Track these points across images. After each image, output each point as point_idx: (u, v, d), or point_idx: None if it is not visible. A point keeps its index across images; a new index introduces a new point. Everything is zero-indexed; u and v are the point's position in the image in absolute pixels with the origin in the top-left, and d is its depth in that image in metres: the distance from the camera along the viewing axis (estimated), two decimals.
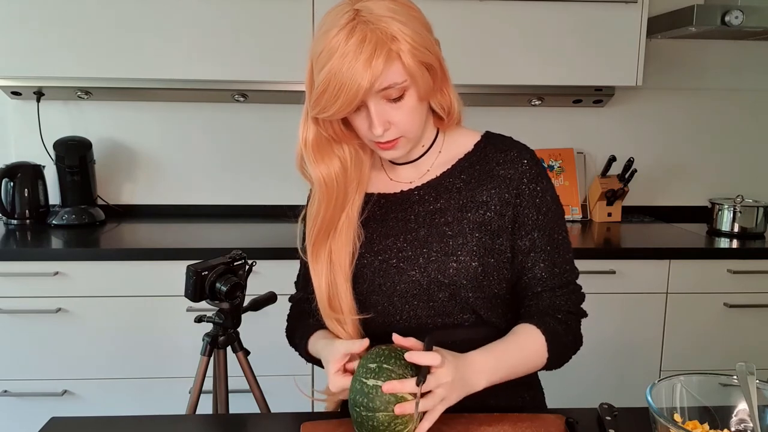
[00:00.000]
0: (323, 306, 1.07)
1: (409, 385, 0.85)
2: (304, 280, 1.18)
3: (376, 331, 1.07)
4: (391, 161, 1.11)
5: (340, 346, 0.98)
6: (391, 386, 0.85)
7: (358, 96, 0.92)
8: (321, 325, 1.11)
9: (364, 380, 0.87)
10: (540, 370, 1.06)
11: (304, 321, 1.17)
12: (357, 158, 1.07)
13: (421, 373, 0.85)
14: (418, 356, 0.87)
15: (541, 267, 1.05)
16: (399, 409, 0.85)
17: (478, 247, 1.03)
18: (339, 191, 1.05)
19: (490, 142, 1.10)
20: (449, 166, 1.09)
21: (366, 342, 0.94)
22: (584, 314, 1.10)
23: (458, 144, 1.11)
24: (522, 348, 1.01)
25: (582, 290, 1.11)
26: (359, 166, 1.08)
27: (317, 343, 1.09)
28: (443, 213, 1.06)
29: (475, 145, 1.10)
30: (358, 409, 0.87)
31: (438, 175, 1.09)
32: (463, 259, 1.02)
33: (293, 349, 1.21)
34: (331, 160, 1.04)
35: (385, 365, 0.88)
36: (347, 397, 0.90)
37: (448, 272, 1.02)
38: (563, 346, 1.05)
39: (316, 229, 1.06)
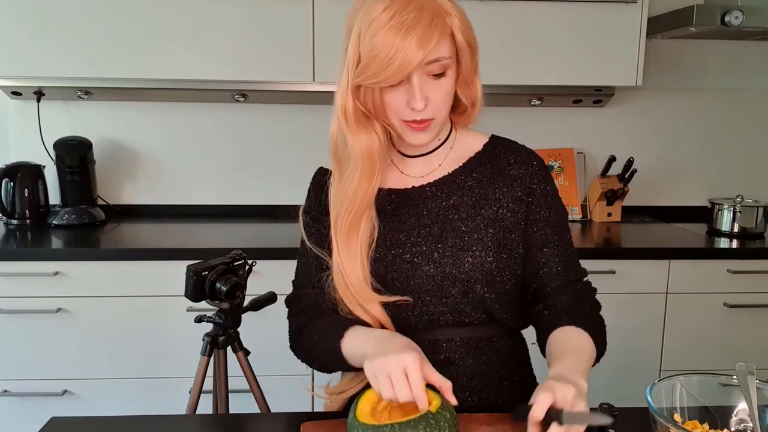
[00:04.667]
0: (359, 287, 1.02)
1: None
2: (308, 270, 1.12)
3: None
4: (403, 154, 1.11)
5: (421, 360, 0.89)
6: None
7: (412, 64, 0.92)
8: (344, 320, 1.05)
9: None
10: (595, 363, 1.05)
11: (320, 317, 1.08)
12: (385, 139, 1.05)
13: (558, 417, 0.79)
14: (539, 412, 0.81)
15: (556, 262, 1.07)
16: None
17: (493, 243, 1.04)
18: (379, 168, 1.03)
19: (498, 143, 1.13)
20: (460, 164, 1.10)
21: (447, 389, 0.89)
22: (600, 305, 1.12)
23: (467, 144, 1.13)
24: (580, 346, 1.00)
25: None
26: (387, 149, 1.07)
27: (372, 332, 1.01)
28: (457, 209, 1.07)
29: (484, 146, 1.12)
30: None
31: (450, 172, 1.10)
32: (479, 254, 1.03)
33: (296, 356, 1.14)
34: (370, 132, 1.02)
35: None
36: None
37: (464, 267, 1.03)
38: (602, 333, 1.06)
39: (356, 205, 1.02)
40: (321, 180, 1.14)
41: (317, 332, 1.07)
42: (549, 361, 0.97)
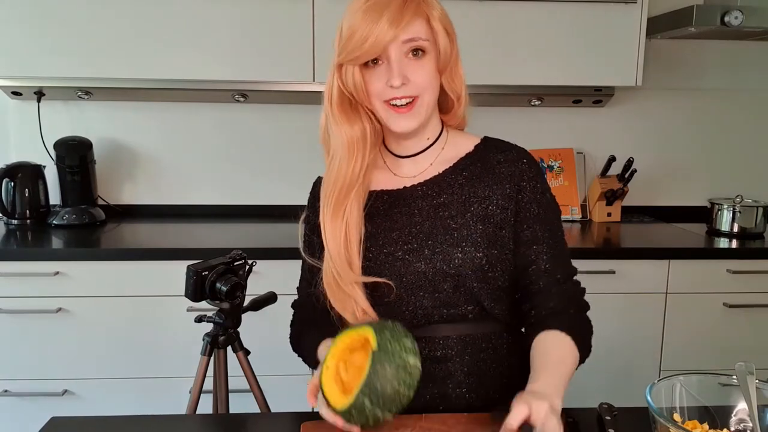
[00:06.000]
0: (341, 265, 1.06)
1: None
2: (308, 277, 1.18)
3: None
4: (394, 154, 1.13)
5: None
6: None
7: (384, 41, 0.98)
8: (327, 334, 1.10)
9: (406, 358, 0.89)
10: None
11: (310, 332, 1.16)
12: (374, 132, 1.09)
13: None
14: (514, 421, 0.82)
15: (545, 259, 1.07)
16: None
17: (482, 239, 1.06)
18: (359, 155, 1.07)
19: (489, 144, 1.14)
20: (451, 164, 1.12)
21: None
22: (588, 306, 1.11)
23: (459, 145, 1.14)
24: (562, 358, 0.99)
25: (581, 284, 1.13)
26: (375, 143, 1.10)
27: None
28: (447, 207, 1.09)
29: (475, 147, 1.14)
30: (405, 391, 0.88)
31: (440, 172, 1.12)
32: (468, 250, 1.05)
33: (296, 354, 1.20)
34: (354, 123, 1.07)
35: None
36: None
37: (454, 262, 1.05)
38: (586, 336, 1.06)
39: (338, 186, 1.07)
40: (318, 189, 1.16)
41: (306, 348, 1.16)
42: (531, 368, 0.98)
